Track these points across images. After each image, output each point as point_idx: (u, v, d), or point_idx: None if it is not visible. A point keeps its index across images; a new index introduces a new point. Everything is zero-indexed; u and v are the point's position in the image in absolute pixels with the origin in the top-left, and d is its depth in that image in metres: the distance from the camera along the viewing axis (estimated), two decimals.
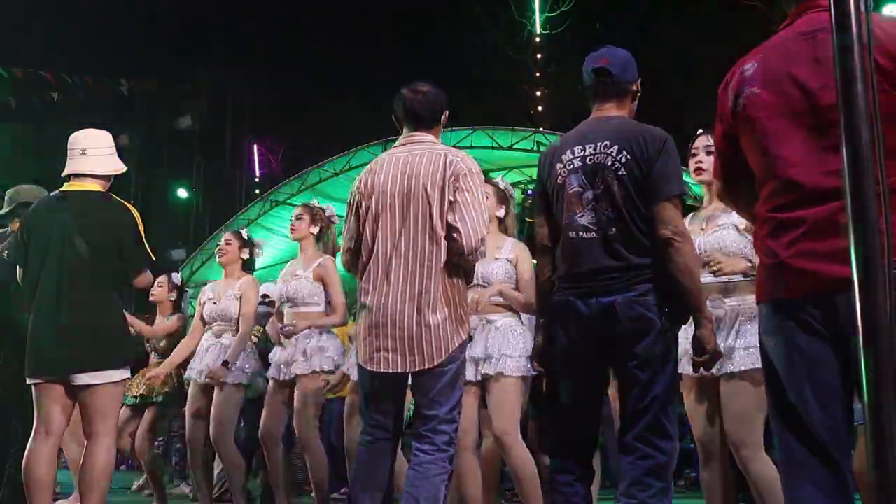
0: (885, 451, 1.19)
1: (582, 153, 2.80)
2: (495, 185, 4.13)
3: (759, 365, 2.98)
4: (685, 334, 3.18)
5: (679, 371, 3.20)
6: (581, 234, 2.76)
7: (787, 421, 1.94)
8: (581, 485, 2.79)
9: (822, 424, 1.87)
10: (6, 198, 4.63)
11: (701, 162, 3.35)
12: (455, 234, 2.93)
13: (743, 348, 3.07)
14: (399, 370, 2.95)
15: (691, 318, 3.15)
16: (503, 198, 4.12)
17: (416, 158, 3.03)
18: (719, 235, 3.20)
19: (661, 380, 2.67)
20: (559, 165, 2.84)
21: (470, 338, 3.06)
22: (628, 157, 2.71)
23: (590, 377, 2.80)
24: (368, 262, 3.04)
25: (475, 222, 2.94)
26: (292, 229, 4.86)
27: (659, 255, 2.66)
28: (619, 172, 2.71)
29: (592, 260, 2.72)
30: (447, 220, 2.95)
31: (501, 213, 4.11)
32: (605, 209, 2.72)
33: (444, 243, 2.95)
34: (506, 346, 3.85)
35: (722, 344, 3.06)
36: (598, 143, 2.77)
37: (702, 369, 2.95)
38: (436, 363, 2.92)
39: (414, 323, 2.91)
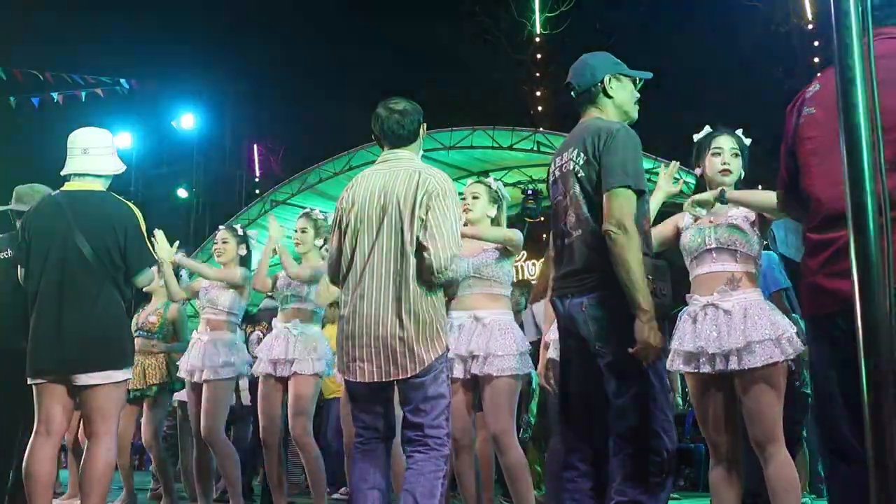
0: (885, 451, 1.19)
1: (560, 162, 2.95)
2: (487, 186, 4.15)
3: (775, 359, 3.03)
4: (690, 329, 3.20)
5: (681, 369, 3.21)
6: (559, 239, 2.92)
7: (823, 421, 2.07)
8: (585, 480, 2.82)
9: (849, 429, 1.96)
10: (14, 196, 4.63)
11: (727, 164, 3.31)
12: (425, 253, 2.97)
13: (758, 342, 3.05)
14: (375, 380, 3.00)
15: (682, 314, 3.20)
16: (495, 198, 4.14)
17: (392, 175, 3.10)
18: (728, 226, 3.21)
19: (634, 378, 2.70)
20: (548, 177, 3.03)
21: (448, 348, 3.08)
22: (583, 157, 2.81)
23: (583, 373, 2.85)
24: (347, 275, 3.12)
25: (445, 241, 2.97)
26: (297, 243, 4.83)
27: None
28: (578, 175, 2.82)
29: (567, 263, 2.85)
30: (418, 239, 2.99)
31: (493, 212, 4.13)
32: (573, 214, 2.83)
33: (413, 259, 2.99)
34: (494, 344, 3.83)
35: (736, 338, 3.07)
36: (570, 150, 2.90)
37: (708, 366, 3.02)
38: (409, 374, 2.95)
39: (388, 335, 2.96)
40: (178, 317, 5.87)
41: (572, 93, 3.02)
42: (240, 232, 5.28)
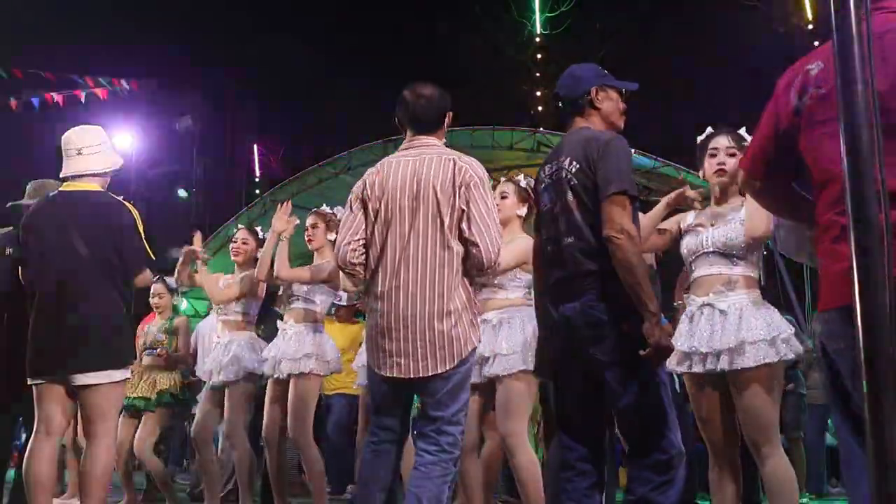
0: (885, 451, 1.19)
1: (550, 170, 2.98)
2: (516, 184, 4.10)
3: (769, 360, 3.03)
4: (685, 329, 3.21)
5: (675, 370, 3.22)
6: (548, 246, 2.93)
7: (852, 424, 1.93)
8: (582, 479, 2.83)
9: None
10: (27, 191, 4.63)
11: (723, 164, 3.33)
12: (474, 250, 2.95)
13: (751, 343, 3.06)
14: (412, 376, 2.95)
15: (690, 313, 3.20)
16: (525, 196, 4.07)
17: (425, 163, 3.04)
18: (726, 230, 3.23)
19: (632, 381, 2.72)
20: (537, 184, 3.06)
21: (480, 340, 3.07)
22: (577, 165, 2.85)
23: (575, 378, 2.87)
24: (377, 266, 3.04)
25: (493, 235, 2.96)
26: (309, 240, 4.82)
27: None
28: (572, 182, 2.85)
29: (558, 269, 2.87)
30: (463, 234, 2.96)
31: (523, 211, 4.06)
32: (564, 220, 2.86)
33: (454, 248, 2.96)
34: (512, 341, 3.82)
35: (729, 338, 3.08)
36: (561, 159, 2.93)
37: (700, 366, 3.02)
38: (447, 368, 2.92)
39: (427, 328, 2.91)
40: (182, 327, 5.89)
41: (560, 104, 3.09)
42: (260, 235, 5.28)
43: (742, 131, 3.43)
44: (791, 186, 2.11)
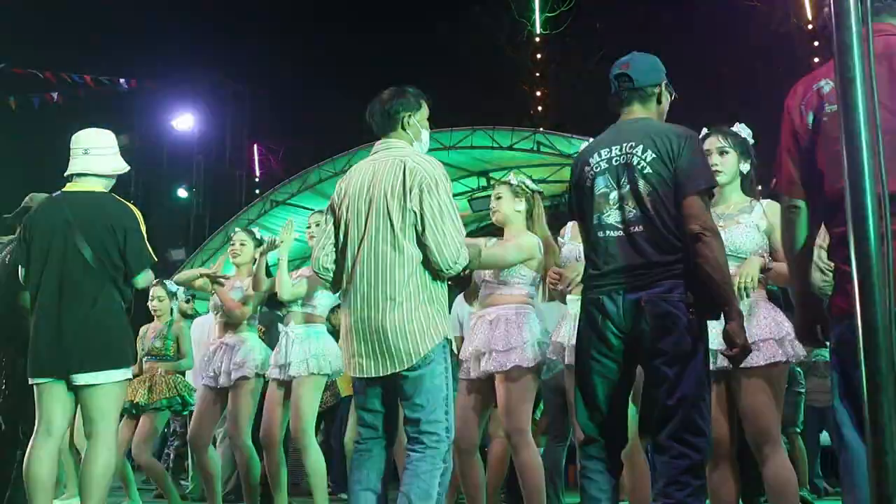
0: (885, 451, 1.20)
1: (608, 155, 2.87)
2: (507, 184, 4.07)
3: (774, 360, 3.03)
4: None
5: None
6: (608, 233, 2.82)
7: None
8: (609, 475, 2.79)
9: None
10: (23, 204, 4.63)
11: (716, 164, 3.27)
12: (427, 252, 2.95)
13: (762, 341, 3.05)
14: (372, 375, 2.99)
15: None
16: (517, 192, 4.03)
17: (380, 165, 3.09)
18: (739, 233, 3.21)
19: (689, 376, 2.67)
20: (587, 168, 2.92)
21: (448, 340, 3.06)
22: (654, 155, 2.77)
23: (619, 372, 2.80)
24: (341, 270, 3.12)
25: (449, 236, 2.95)
26: (310, 237, 4.77)
27: (686, 251, 2.69)
28: (645, 171, 2.77)
29: (620, 258, 2.78)
30: (419, 237, 2.97)
31: (522, 206, 4.01)
32: (631, 208, 2.78)
33: (406, 251, 2.96)
34: (511, 337, 3.79)
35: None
36: (624, 145, 2.84)
37: (716, 363, 2.99)
38: (406, 366, 2.94)
39: (381, 327, 2.95)
40: (181, 333, 5.89)
41: (627, 84, 2.92)
42: (257, 235, 5.27)
43: (736, 127, 3.41)
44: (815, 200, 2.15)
